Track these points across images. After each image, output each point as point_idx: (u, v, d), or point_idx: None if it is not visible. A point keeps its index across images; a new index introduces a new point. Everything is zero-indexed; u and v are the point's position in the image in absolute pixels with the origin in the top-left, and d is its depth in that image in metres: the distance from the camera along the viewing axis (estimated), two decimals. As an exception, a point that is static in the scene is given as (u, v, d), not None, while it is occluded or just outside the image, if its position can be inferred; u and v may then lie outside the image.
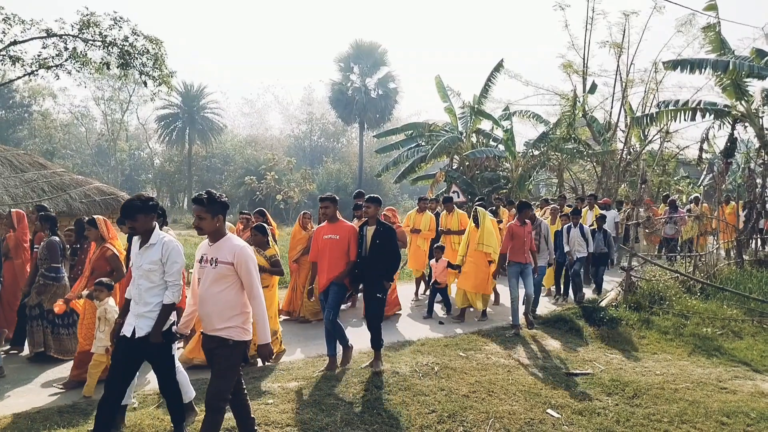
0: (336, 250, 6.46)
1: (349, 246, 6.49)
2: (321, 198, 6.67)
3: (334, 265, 6.43)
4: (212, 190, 4.15)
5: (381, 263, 6.35)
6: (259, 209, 9.61)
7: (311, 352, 7.37)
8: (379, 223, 6.49)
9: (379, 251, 6.35)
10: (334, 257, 6.44)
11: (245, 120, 70.32)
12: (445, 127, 22.13)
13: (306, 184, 36.65)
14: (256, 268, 4.13)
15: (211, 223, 4.07)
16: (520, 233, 8.50)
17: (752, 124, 13.82)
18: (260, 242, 6.91)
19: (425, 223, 10.78)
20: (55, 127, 47.65)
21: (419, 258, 10.82)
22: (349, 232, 6.53)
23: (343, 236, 6.50)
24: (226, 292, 4.07)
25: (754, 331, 8.78)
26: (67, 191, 9.95)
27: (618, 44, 19.41)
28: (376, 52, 44.17)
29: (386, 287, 6.39)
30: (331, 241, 6.49)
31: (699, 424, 5.26)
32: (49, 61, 15.96)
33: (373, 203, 6.53)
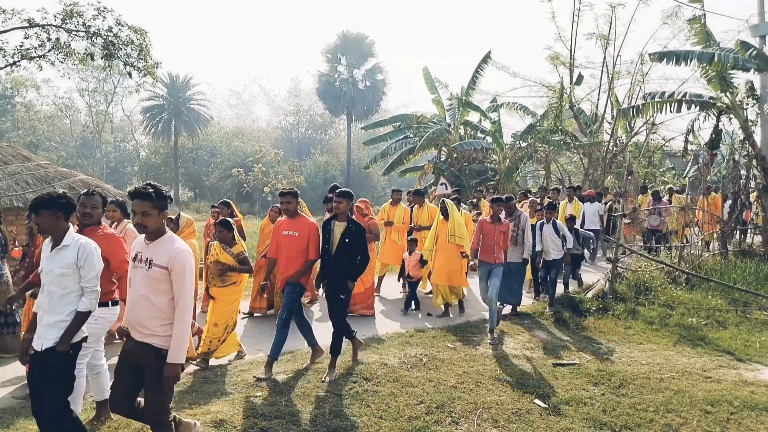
0: (293, 247, 6.08)
1: (308, 243, 6.10)
2: (281, 192, 6.30)
3: (291, 263, 6.08)
4: (156, 183, 3.77)
5: (348, 263, 6.00)
6: (224, 200, 9.23)
7: (298, 345, 7.36)
8: (351, 220, 6.11)
9: (347, 250, 5.98)
10: (292, 255, 6.08)
11: (232, 111, 69.98)
12: (433, 118, 22.15)
13: (294, 176, 36.52)
14: (192, 277, 3.74)
15: (156, 220, 3.68)
16: (490, 231, 7.89)
17: (737, 115, 13.94)
18: (226, 238, 6.54)
19: (399, 215, 10.42)
20: (38, 118, 47.02)
21: (394, 252, 10.43)
22: (308, 229, 6.12)
23: (302, 233, 6.10)
24: (161, 297, 3.66)
25: (738, 321, 8.89)
26: (52, 184, 9.82)
27: (605, 36, 19.50)
28: (363, 44, 44.00)
29: (350, 287, 6.05)
30: (289, 237, 6.12)
31: (684, 412, 5.33)
32: (31, 51, 15.71)
33: (345, 198, 6.09)
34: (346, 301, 6.14)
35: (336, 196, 6.15)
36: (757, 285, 10.32)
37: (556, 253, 9.19)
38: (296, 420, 4.83)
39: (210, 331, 6.30)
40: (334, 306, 6.09)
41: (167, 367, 3.58)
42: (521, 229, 8.66)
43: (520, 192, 16.20)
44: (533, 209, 10.82)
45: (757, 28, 14.68)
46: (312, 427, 4.73)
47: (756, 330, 8.46)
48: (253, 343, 7.27)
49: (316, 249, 6.16)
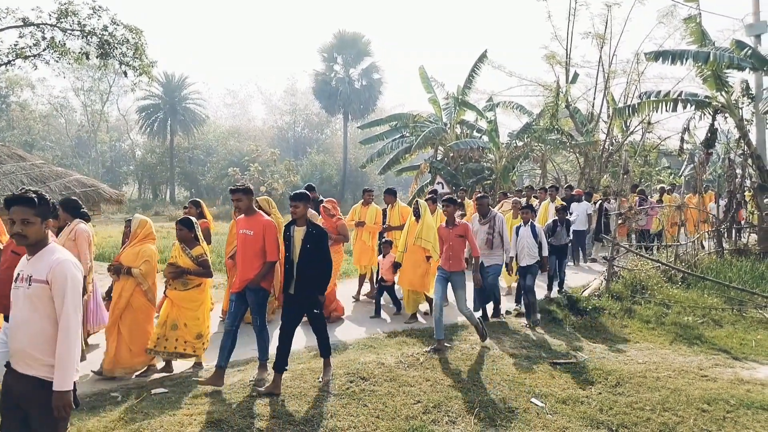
0: (249, 247, 5.74)
1: (264, 243, 5.73)
2: (231, 189, 5.96)
3: (248, 265, 5.72)
4: (38, 189, 3.29)
5: (314, 271, 5.56)
6: (194, 200, 8.98)
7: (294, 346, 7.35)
8: (310, 224, 5.68)
9: (311, 257, 5.55)
10: (248, 256, 5.73)
11: (228, 111, 69.88)
12: (430, 118, 22.15)
13: (290, 176, 36.44)
14: (76, 291, 3.14)
15: (39, 229, 3.16)
16: (446, 236, 7.25)
17: (732, 114, 13.98)
18: (186, 238, 6.20)
19: (371, 216, 9.92)
20: (33, 118, 46.89)
21: (365, 254, 9.98)
22: (263, 228, 5.73)
23: (257, 232, 5.72)
24: (44, 320, 3.10)
25: (733, 319, 8.91)
26: (47, 183, 9.79)
27: (600, 35, 19.54)
28: (359, 43, 43.97)
29: (321, 301, 5.70)
30: (244, 237, 5.78)
31: (680, 411, 5.33)
32: (26, 50, 15.66)
33: (301, 201, 5.64)
34: (321, 315, 5.80)
35: (291, 199, 5.72)
36: (753, 284, 10.35)
37: (530, 259, 8.43)
38: (293, 420, 4.81)
39: (181, 330, 6.11)
40: (311, 320, 5.78)
41: (55, 397, 3.02)
42: (497, 231, 8.18)
43: (500, 192, 15.99)
44: (516, 209, 10.24)
45: (752, 28, 14.73)
46: (309, 428, 4.71)
47: (752, 328, 8.48)
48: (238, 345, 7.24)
49: (275, 249, 5.76)
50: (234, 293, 5.83)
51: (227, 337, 5.65)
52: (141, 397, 5.33)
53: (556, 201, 12.54)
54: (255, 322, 5.78)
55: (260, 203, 8.17)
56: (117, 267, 6.10)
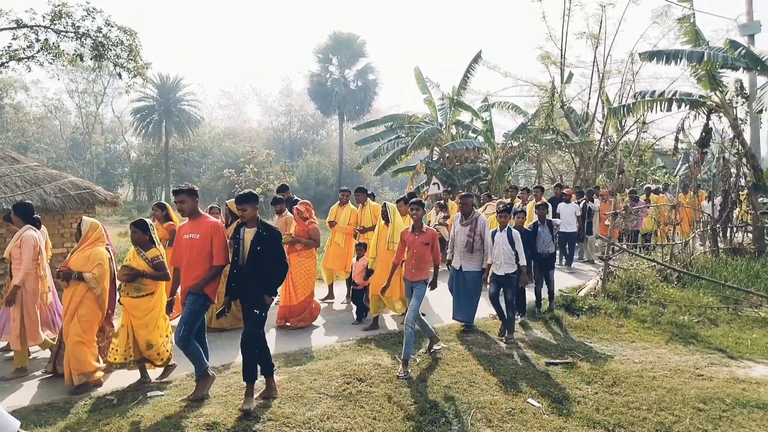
0: (195, 252, 5.41)
1: (211, 246, 5.42)
2: (174, 191, 5.58)
3: (193, 269, 5.40)
4: None
5: (262, 274, 5.23)
6: (159, 202, 8.77)
7: (291, 347, 7.34)
8: (262, 225, 5.34)
9: (259, 259, 5.22)
10: (193, 260, 5.40)
11: (223, 112, 69.75)
12: (425, 118, 22.16)
13: (286, 177, 36.40)
14: None
15: None
16: (411, 242, 6.68)
17: (726, 114, 14.02)
18: (140, 241, 5.90)
19: (345, 216, 9.60)
20: (28, 120, 46.65)
21: (338, 256, 9.59)
22: (210, 230, 5.45)
23: (204, 235, 5.42)
24: None
25: (729, 318, 8.94)
26: (42, 186, 9.74)
27: (595, 35, 19.60)
28: (354, 44, 43.97)
29: (267, 302, 5.24)
30: (190, 241, 5.45)
31: (677, 410, 5.35)
32: (20, 52, 15.58)
33: (249, 203, 5.30)
34: (261, 318, 5.24)
35: (237, 203, 5.36)
36: (748, 282, 10.38)
37: (508, 267, 7.58)
38: (289, 422, 4.80)
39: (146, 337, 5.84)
40: (246, 322, 5.30)
41: None
42: (478, 234, 7.63)
43: (483, 193, 15.65)
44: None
45: (745, 28, 14.78)
46: (305, 429, 4.71)
47: (747, 327, 8.51)
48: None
49: (223, 252, 5.48)
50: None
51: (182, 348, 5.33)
52: (137, 400, 5.31)
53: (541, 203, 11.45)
54: (178, 331, 5.26)
55: (229, 206, 8.13)
56: (66, 273, 5.81)
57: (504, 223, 7.70)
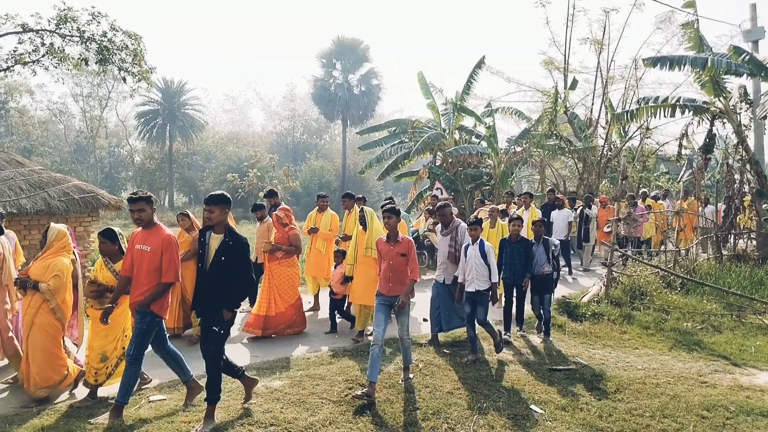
0: (144, 265, 5.06)
1: (161, 261, 5.05)
2: (130, 198, 5.19)
3: (141, 284, 5.06)
4: None
5: (224, 287, 4.86)
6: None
7: (290, 351, 7.33)
8: (228, 232, 4.95)
9: (223, 270, 4.86)
10: (142, 274, 5.05)
11: (227, 116, 69.94)
12: (428, 123, 22.15)
13: (289, 182, 36.47)
14: None
15: None
16: (385, 253, 6.09)
17: (730, 120, 14.01)
18: (109, 251, 5.61)
19: (326, 222, 9.22)
20: (32, 124, 46.82)
21: (319, 263, 9.19)
22: (162, 243, 5.06)
23: (155, 248, 5.05)
24: None
25: (733, 325, 8.91)
26: (46, 189, 9.76)
27: (598, 41, 19.61)
28: (358, 49, 44.07)
29: (227, 318, 4.90)
30: (141, 252, 5.10)
31: (680, 418, 5.32)
32: (25, 56, 15.67)
33: (217, 205, 4.94)
34: (222, 336, 4.91)
35: (205, 203, 5.00)
36: (752, 289, 10.35)
37: (480, 283, 6.81)
38: (291, 427, 4.79)
39: (90, 356, 5.57)
40: (206, 340, 4.94)
41: None
42: (460, 243, 7.15)
43: (477, 198, 15.18)
44: (493, 218, 9.61)
45: (749, 33, 14.79)
46: (307, 435, 4.70)
47: (751, 334, 8.48)
48: (235, 353, 7.23)
49: (173, 269, 5.07)
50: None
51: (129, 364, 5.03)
52: (138, 404, 5.31)
53: (531, 210, 11.30)
54: (129, 350, 5.01)
55: None
56: (23, 280, 5.55)
57: (475, 236, 6.99)
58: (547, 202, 13.51)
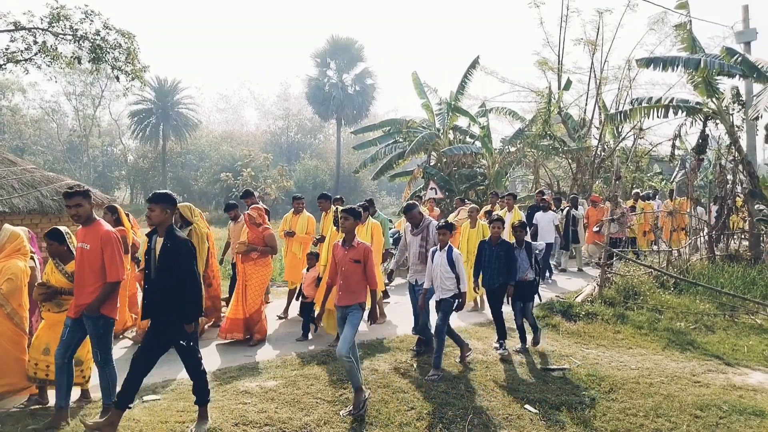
0: (86, 264, 4.77)
1: (102, 259, 4.73)
2: (66, 193, 4.85)
3: (85, 286, 4.76)
4: None
5: (171, 295, 4.54)
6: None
7: (286, 350, 7.31)
8: (169, 234, 4.61)
9: (165, 275, 4.57)
10: (86, 274, 4.77)
11: (220, 116, 69.78)
12: (423, 123, 22.20)
13: (283, 181, 36.39)
14: None
15: None
16: (339, 258, 5.59)
17: (723, 121, 14.08)
18: (57, 253, 5.27)
19: (302, 225, 9.02)
20: (25, 122, 46.55)
21: (294, 267, 9.00)
22: (101, 240, 4.74)
23: (94, 245, 4.74)
24: None
25: (726, 325, 8.95)
26: (38, 188, 9.71)
27: (592, 42, 19.64)
28: (352, 48, 44.09)
29: (190, 330, 4.64)
30: (82, 251, 4.80)
31: (674, 417, 5.35)
32: (17, 55, 15.56)
33: (158, 204, 4.62)
34: (191, 348, 4.73)
35: (147, 201, 4.73)
36: (745, 289, 10.40)
37: (445, 291, 6.43)
38: (286, 427, 4.79)
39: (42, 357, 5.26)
40: (180, 354, 4.74)
41: None
42: (432, 243, 6.84)
43: (457, 197, 14.82)
44: (473, 219, 9.38)
45: (742, 35, 14.87)
46: (302, 435, 4.69)
47: (744, 334, 8.52)
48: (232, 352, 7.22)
49: (114, 266, 4.76)
50: (69, 318, 4.87)
51: (61, 373, 4.82)
52: (132, 405, 5.28)
53: (514, 212, 10.92)
54: (95, 357, 4.86)
55: (181, 210, 7.59)
56: None
57: (443, 241, 6.48)
58: (534, 204, 13.44)
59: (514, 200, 11.36)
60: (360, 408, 5.10)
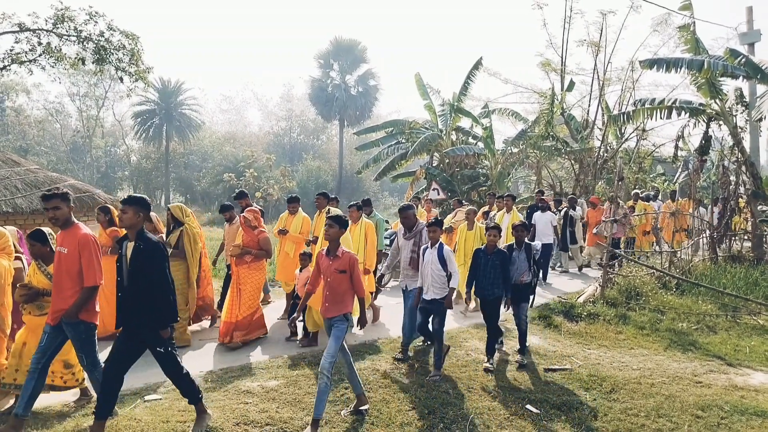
0: (64, 269, 4.68)
1: (80, 263, 4.66)
2: (44, 195, 4.78)
3: (63, 290, 4.68)
4: None
5: (143, 301, 4.46)
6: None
7: (288, 350, 7.33)
8: (140, 236, 4.51)
9: (135, 282, 4.47)
10: (64, 278, 4.68)
11: (224, 116, 69.92)
12: (425, 124, 22.21)
13: (286, 182, 36.47)
14: None
15: None
16: (324, 268, 5.29)
17: (726, 122, 14.06)
18: (40, 254, 5.16)
19: (296, 225, 8.84)
20: (29, 123, 46.73)
21: (287, 267, 8.80)
22: (78, 243, 4.66)
23: (71, 249, 4.67)
24: None
25: (728, 325, 8.94)
26: (41, 189, 9.76)
27: (595, 43, 19.62)
28: (356, 49, 44.12)
29: (166, 336, 4.57)
30: (59, 255, 4.73)
31: (675, 417, 5.35)
32: (22, 56, 15.64)
33: (131, 206, 4.52)
34: (168, 353, 4.62)
35: (120, 203, 4.62)
36: (747, 290, 10.38)
37: (437, 291, 6.26)
38: (287, 427, 4.80)
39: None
40: (158, 361, 4.66)
41: None
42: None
43: (455, 199, 14.40)
44: (470, 220, 9.32)
45: (745, 36, 14.87)
46: (303, 434, 4.70)
47: (746, 335, 8.51)
48: (236, 352, 7.24)
49: (92, 271, 4.67)
50: (48, 325, 4.76)
51: (30, 379, 4.65)
52: (134, 404, 5.30)
53: (513, 214, 10.73)
54: (82, 361, 4.85)
55: (172, 211, 7.60)
56: None
57: (434, 238, 6.39)
58: (533, 204, 13.38)
59: (513, 201, 11.07)
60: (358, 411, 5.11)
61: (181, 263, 7.44)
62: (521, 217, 10.88)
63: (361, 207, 8.69)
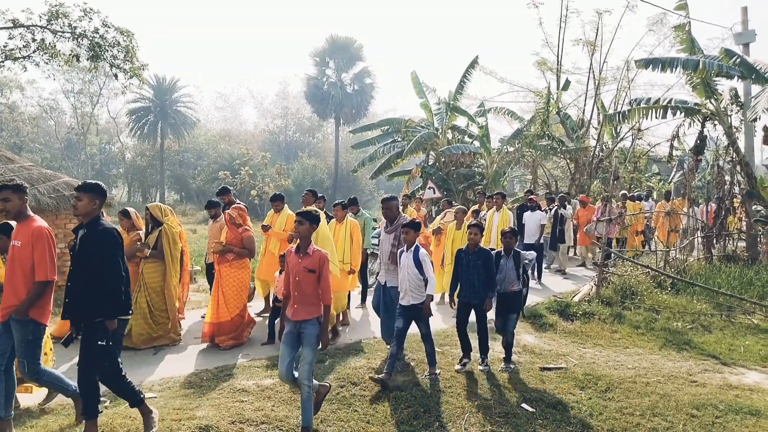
0: (16, 263, 4.47)
1: (32, 257, 4.42)
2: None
3: (17, 285, 4.46)
4: None
5: (92, 287, 4.22)
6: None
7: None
8: (91, 223, 4.34)
9: (82, 267, 4.26)
10: (15, 274, 4.47)
11: (219, 114, 69.84)
12: (421, 123, 22.21)
13: (281, 180, 36.41)
14: None
15: None
16: (292, 267, 4.91)
17: (721, 122, 14.10)
18: (7, 248, 4.87)
19: (281, 222, 8.60)
20: (23, 120, 46.51)
21: (271, 266, 8.48)
22: (32, 236, 4.44)
23: (25, 242, 4.44)
24: None
25: (722, 325, 8.96)
26: (36, 186, 9.69)
27: (591, 42, 19.67)
28: (351, 47, 44.05)
29: (112, 328, 4.31)
30: (13, 249, 4.52)
31: (670, 416, 5.35)
32: (16, 52, 15.54)
33: (86, 193, 4.34)
34: (109, 349, 4.34)
35: (76, 190, 4.43)
36: (741, 289, 10.41)
37: (415, 296, 6.00)
38: (283, 425, 4.79)
39: None
40: (86, 354, 4.30)
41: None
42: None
43: (444, 199, 14.41)
44: (459, 220, 9.22)
45: (740, 36, 14.91)
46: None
47: (740, 334, 8.53)
48: (231, 350, 7.21)
49: (44, 265, 4.42)
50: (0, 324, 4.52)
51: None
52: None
53: (503, 212, 10.55)
54: (22, 368, 4.48)
55: (151, 210, 7.49)
56: None
57: (409, 240, 6.08)
58: (523, 203, 13.37)
59: (503, 200, 10.82)
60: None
61: (159, 264, 7.38)
62: (511, 217, 10.78)
63: (346, 206, 8.55)
